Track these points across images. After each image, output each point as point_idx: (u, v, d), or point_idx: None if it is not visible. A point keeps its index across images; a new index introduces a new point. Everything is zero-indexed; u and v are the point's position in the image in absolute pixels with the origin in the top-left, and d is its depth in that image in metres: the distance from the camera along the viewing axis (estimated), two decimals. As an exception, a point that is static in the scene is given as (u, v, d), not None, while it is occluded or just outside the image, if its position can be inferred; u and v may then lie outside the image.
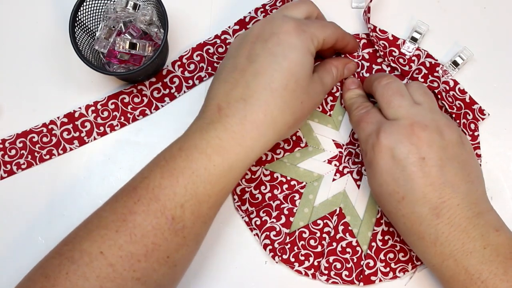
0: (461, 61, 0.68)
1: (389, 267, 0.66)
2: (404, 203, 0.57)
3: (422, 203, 0.56)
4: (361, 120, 0.63)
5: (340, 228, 0.67)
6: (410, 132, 0.57)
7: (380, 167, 0.58)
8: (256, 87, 0.56)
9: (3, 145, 0.69)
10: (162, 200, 0.53)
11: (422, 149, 0.57)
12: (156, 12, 0.67)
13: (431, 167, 0.56)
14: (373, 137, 0.59)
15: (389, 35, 0.70)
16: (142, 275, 0.53)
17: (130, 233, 0.52)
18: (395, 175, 0.57)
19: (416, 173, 0.56)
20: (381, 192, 0.59)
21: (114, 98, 0.70)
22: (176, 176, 0.54)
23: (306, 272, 0.66)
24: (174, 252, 0.55)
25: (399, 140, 0.57)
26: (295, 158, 0.69)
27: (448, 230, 0.56)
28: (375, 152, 0.59)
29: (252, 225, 0.67)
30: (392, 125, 0.59)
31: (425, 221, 0.57)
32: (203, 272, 0.67)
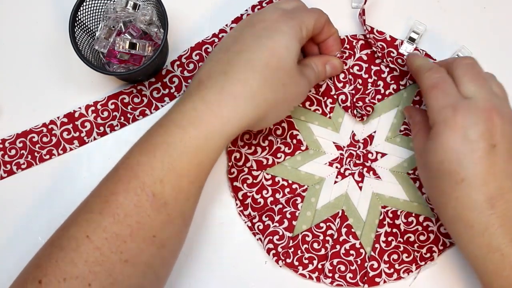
0: (459, 60, 0.68)
1: (393, 268, 0.65)
2: (462, 185, 0.55)
3: (480, 190, 0.55)
4: (437, 86, 0.59)
5: (343, 231, 0.66)
6: (488, 116, 0.56)
7: (448, 144, 0.56)
8: (237, 63, 0.56)
9: (3, 145, 0.69)
10: (141, 177, 0.53)
11: (495, 137, 0.55)
12: (156, 12, 0.67)
13: (499, 156, 0.55)
14: (448, 111, 0.57)
15: (386, 36, 0.70)
16: (130, 256, 0.52)
17: (113, 213, 0.52)
18: (461, 155, 0.55)
19: (483, 158, 0.55)
20: (440, 169, 0.56)
21: (114, 98, 0.70)
22: (153, 151, 0.54)
23: (310, 276, 0.66)
24: (160, 231, 0.54)
25: (475, 122, 0.55)
26: (296, 162, 0.68)
27: (499, 222, 0.54)
28: (447, 126, 0.56)
29: (255, 229, 0.67)
30: (471, 105, 0.57)
31: (478, 208, 0.55)
32: (203, 272, 0.67)
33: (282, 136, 0.69)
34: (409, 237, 0.66)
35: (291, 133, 0.69)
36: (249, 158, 0.68)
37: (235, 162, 0.68)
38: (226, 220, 0.68)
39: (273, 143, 0.68)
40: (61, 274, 0.51)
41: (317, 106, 0.69)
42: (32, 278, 0.52)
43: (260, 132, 0.69)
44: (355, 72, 0.69)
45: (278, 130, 0.69)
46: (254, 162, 0.68)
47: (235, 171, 0.68)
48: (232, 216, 0.68)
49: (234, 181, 0.68)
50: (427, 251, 0.65)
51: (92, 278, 0.51)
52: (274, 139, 0.69)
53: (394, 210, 0.67)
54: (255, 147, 0.68)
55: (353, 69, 0.69)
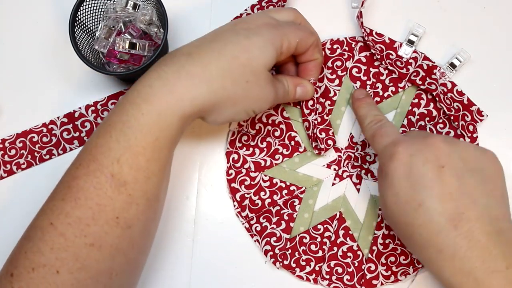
0: (458, 63, 0.69)
1: (391, 271, 0.65)
2: (421, 210, 0.54)
3: (440, 212, 0.54)
4: (375, 134, 0.62)
5: (341, 233, 0.67)
6: (430, 142, 0.56)
7: (398, 175, 0.56)
8: (206, 48, 0.56)
9: (3, 145, 0.69)
10: (99, 159, 0.53)
11: (442, 159, 0.55)
12: (156, 12, 0.67)
13: (450, 176, 0.55)
14: (390, 147, 0.58)
15: (385, 38, 0.70)
16: (95, 240, 0.52)
17: (74, 198, 0.52)
18: (413, 182, 0.55)
19: (434, 181, 0.55)
20: (397, 202, 0.56)
21: (114, 98, 0.70)
22: (109, 132, 0.53)
23: (307, 278, 0.66)
24: (123, 211, 0.53)
25: (419, 149, 0.56)
26: (294, 163, 0.68)
27: (466, 245, 0.53)
28: (392, 160, 0.57)
29: (253, 231, 0.67)
30: (411, 137, 0.59)
31: (443, 231, 0.54)
32: (203, 272, 0.67)
33: (280, 138, 0.69)
34: (406, 239, 0.66)
35: (289, 134, 0.69)
36: (247, 159, 0.68)
37: (233, 163, 0.68)
38: (225, 220, 0.68)
39: (271, 145, 0.69)
40: (29, 265, 0.51)
41: (316, 108, 0.69)
42: (5, 272, 0.52)
43: (258, 134, 0.69)
44: (353, 74, 0.69)
45: (276, 131, 0.69)
46: (252, 164, 0.68)
47: (233, 173, 0.68)
48: (232, 217, 0.68)
49: (232, 182, 0.68)
50: (424, 253, 0.65)
51: (59, 264, 0.51)
52: (272, 141, 0.69)
53: (391, 212, 0.67)
54: (253, 149, 0.69)
55: (352, 71, 0.69)
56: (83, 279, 0.52)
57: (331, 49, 0.70)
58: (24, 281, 0.51)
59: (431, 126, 0.68)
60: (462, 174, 0.55)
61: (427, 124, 0.68)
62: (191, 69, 0.55)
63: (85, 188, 0.52)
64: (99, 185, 0.52)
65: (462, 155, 0.56)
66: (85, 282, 0.52)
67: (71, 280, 0.51)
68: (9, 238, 0.66)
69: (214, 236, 0.67)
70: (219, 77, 0.56)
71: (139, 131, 0.53)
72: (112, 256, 0.53)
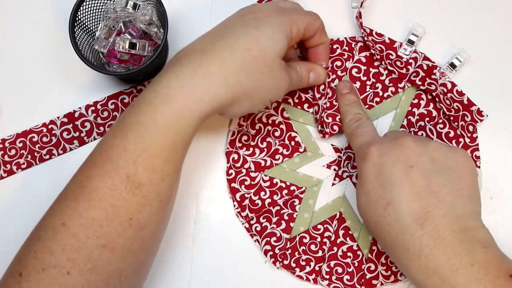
0: (458, 63, 0.68)
1: (390, 271, 0.65)
2: (389, 209, 0.56)
3: (407, 211, 0.55)
4: (353, 133, 0.64)
5: (341, 233, 0.67)
6: (401, 142, 0.58)
7: (369, 175, 0.58)
8: (219, 44, 0.56)
9: (3, 145, 0.69)
10: (115, 160, 0.52)
11: (411, 158, 0.57)
12: (156, 12, 0.67)
13: (418, 176, 0.56)
14: (364, 147, 0.60)
15: (385, 38, 0.69)
16: (107, 241, 0.52)
17: (88, 198, 0.52)
18: (382, 181, 0.57)
19: (403, 180, 0.56)
20: (368, 201, 0.58)
21: (114, 98, 0.70)
22: (126, 133, 0.53)
23: (307, 277, 0.66)
24: (137, 213, 0.53)
25: (390, 149, 0.58)
26: (294, 163, 0.68)
27: (432, 243, 0.54)
28: (365, 161, 0.58)
29: (253, 231, 0.67)
30: (384, 137, 0.61)
31: (409, 230, 0.55)
32: (203, 272, 0.67)
33: (281, 138, 0.69)
34: (406, 239, 0.66)
35: (289, 135, 0.69)
36: (247, 159, 0.68)
37: (233, 163, 0.68)
38: (225, 220, 0.68)
39: (271, 145, 0.69)
40: (39, 265, 0.51)
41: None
42: (13, 271, 0.52)
43: (258, 134, 0.69)
44: (353, 74, 0.69)
45: (277, 131, 0.69)
46: (252, 164, 0.68)
47: (233, 172, 0.68)
48: (232, 217, 0.68)
49: (232, 182, 0.68)
50: (424, 254, 0.65)
51: (70, 265, 0.51)
52: (272, 141, 0.69)
53: (391, 212, 0.67)
54: (253, 149, 0.69)
55: (352, 72, 0.69)
56: (94, 281, 0.52)
57: (331, 49, 0.69)
58: (33, 281, 0.50)
59: (431, 127, 0.68)
60: (430, 173, 0.56)
61: (427, 125, 0.68)
62: (208, 68, 0.55)
63: (99, 189, 0.52)
64: (114, 186, 0.52)
65: (432, 155, 0.57)
66: (96, 284, 0.52)
67: (81, 281, 0.51)
68: (9, 238, 0.67)
69: (214, 236, 0.67)
70: (235, 73, 0.56)
71: (157, 133, 0.53)
72: (123, 258, 0.53)
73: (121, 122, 0.54)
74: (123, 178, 0.52)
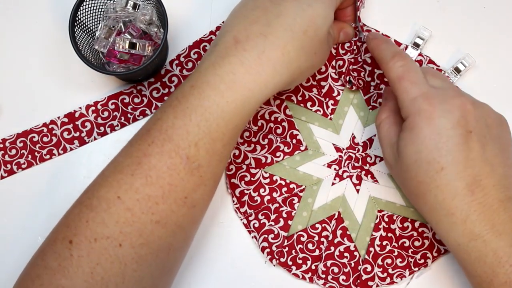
0: (463, 68, 0.68)
1: (387, 273, 0.66)
2: (442, 174, 0.55)
3: (460, 177, 0.55)
4: (404, 77, 0.59)
5: (339, 233, 0.67)
6: (460, 103, 0.56)
7: (424, 133, 0.56)
8: (277, 27, 0.56)
9: (3, 144, 0.69)
10: (176, 140, 0.53)
11: (470, 123, 0.56)
12: (156, 11, 0.66)
13: (476, 142, 0.56)
14: (421, 101, 0.57)
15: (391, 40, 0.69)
16: (161, 217, 0.53)
17: (145, 175, 0.52)
18: (439, 143, 0.55)
19: (462, 145, 0.55)
20: (418, 159, 0.56)
21: (114, 98, 0.70)
22: (189, 115, 0.53)
23: (303, 276, 0.66)
24: (192, 192, 0.55)
25: (449, 110, 0.56)
26: (295, 161, 0.68)
27: (480, 209, 0.55)
28: (421, 117, 0.56)
29: (251, 227, 0.68)
30: (442, 94, 0.57)
31: (459, 196, 0.55)
32: (203, 272, 0.67)
33: (282, 135, 0.69)
34: (403, 242, 0.66)
35: (291, 132, 0.69)
36: (248, 155, 0.68)
37: (233, 159, 0.68)
38: (225, 220, 0.68)
39: (272, 142, 0.69)
40: (91, 235, 0.51)
41: (318, 107, 0.69)
42: (62, 237, 0.53)
43: (260, 130, 0.69)
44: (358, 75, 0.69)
45: (278, 129, 0.69)
46: (253, 160, 0.68)
47: (233, 168, 0.68)
48: (232, 216, 0.68)
49: (232, 178, 0.68)
50: (421, 257, 0.66)
51: (123, 238, 0.52)
52: (274, 138, 0.69)
53: (390, 214, 0.67)
54: (255, 145, 0.69)
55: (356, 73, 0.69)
56: (144, 254, 0.53)
57: (336, 49, 0.69)
58: (84, 250, 0.51)
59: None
60: (486, 141, 0.57)
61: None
62: (272, 55, 0.55)
63: (158, 167, 0.52)
64: (173, 166, 0.53)
65: (487, 121, 0.57)
66: (146, 257, 0.53)
67: (132, 254, 0.52)
68: (10, 238, 0.68)
69: (214, 236, 0.68)
70: (296, 58, 0.57)
71: (222, 118, 0.54)
72: (174, 233, 0.55)
73: (182, 103, 0.54)
74: (183, 158, 0.53)
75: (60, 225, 0.54)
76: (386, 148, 0.61)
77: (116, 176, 0.53)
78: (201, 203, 0.57)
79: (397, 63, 0.60)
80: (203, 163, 0.54)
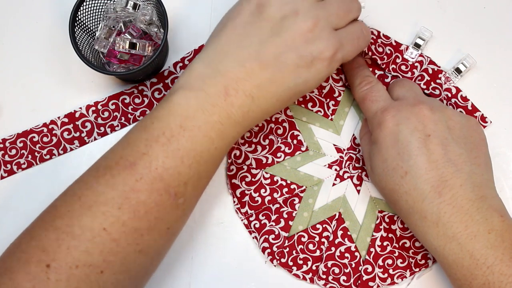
0: (464, 68, 0.68)
1: (387, 273, 0.66)
2: (407, 178, 0.57)
3: (425, 179, 0.57)
4: (366, 98, 0.64)
5: (339, 233, 0.67)
6: (417, 110, 0.59)
7: (386, 143, 0.59)
8: (268, 90, 0.57)
9: (3, 144, 0.69)
10: (167, 180, 0.54)
11: (428, 127, 0.58)
12: (156, 12, 0.66)
13: (435, 145, 0.57)
14: (379, 115, 0.61)
15: (392, 40, 0.68)
16: (144, 247, 0.54)
17: (134, 210, 0.53)
18: (400, 149, 0.58)
19: (421, 149, 0.57)
20: (385, 168, 0.59)
21: (115, 99, 0.70)
22: (181, 157, 0.54)
23: (304, 276, 0.66)
24: (174, 223, 0.56)
25: (406, 117, 0.59)
26: (295, 162, 0.68)
27: (450, 211, 0.56)
28: (381, 129, 0.59)
29: (251, 228, 0.67)
30: (399, 104, 0.60)
31: (427, 198, 0.57)
32: (203, 272, 0.67)
33: (283, 136, 0.69)
34: (404, 243, 0.66)
35: (292, 133, 0.69)
36: (248, 156, 0.68)
37: (234, 159, 0.68)
38: (225, 220, 0.68)
39: (273, 142, 0.68)
40: (73, 262, 0.51)
41: (319, 108, 0.69)
42: (37, 260, 0.52)
43: (261, 131, 0.69)
44: None
45: (279, 129, 0.69)
46: (254, 161, 0.68)
47: (234, 169, 0.68)
48: (232, 216, 0.68)
49: (233, 179, 0.68)
50: (422, 257, 0.66)
51: (106, 266, 0.52)
52: (274, 138, 0.68)
53: (390, 215, 0.67)
54: (255, 146, 0.69)
55: None
56: (123, 280, 0.54)
57: None
58: (64, 275, 0.51)
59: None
60: (447, 142, 0.58)
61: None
62: (255, 114, 0.57)
63: (146, 204, 0.53)
64: (161, 202, 0.54)
65: (448, 124, 0.59)
66: (124, 282, 0.54)
67: (112, 279, 0.53)
68: (10, 238, 0.67)
69: (214, 236, 0.68)
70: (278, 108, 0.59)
71: (211, 162, 0.57)
72: (153, 260, 0.57)
73: (173, 143, 0.54)
74: (171, 195, 0.54)
75: (31, 246, 0.53)
76: (366, 162, 0.64)
77: (100, 208, 0.53)
78: (179, 230, 0.59)
79: (363, 87, 0.65)
80: (188, 198, 0.56)
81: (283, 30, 0.56)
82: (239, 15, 0.58)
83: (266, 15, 0.57)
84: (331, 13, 0.58)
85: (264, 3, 0.57)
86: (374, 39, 0.68)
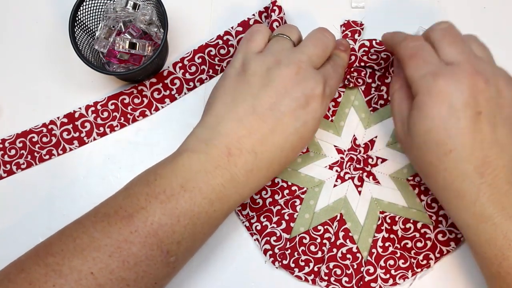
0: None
1: (389, 274, 0.65)
2: (450, 156, 0.55)
3: (469, 159, 0.54)
4: (415, 55, 0.58)
5: (341, 234, 0.66)
6: (471, 82, 0.55)
7: (433, 113, 0.55)
8: (270, 144, 0.57)
9: (3, 145, 0.69)
10: (160, 236, 0.54)
11: (480, 103, 0.54)
12: (156, 12, 0.67)
13: (485, 123, 0.54)
14: (429, 79, 0.56)
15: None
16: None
17: (123, 260, 0.53)
18: (447, 124, 0.54)
19: (470, 128, 0.54)
20: (428, 140, 0.56)
21: (114, 99, 0.70)
22: (177, 216, 0.54)
23: (306, 278, 0.66)
24: (162, 279, 0.56)
25: (459, 89, 0.54)
26: (296, 163, 0.68)
27: (490, 191, 0.55)
28: (431, 95, 0.55)
29: (253, 230, 0.67)
30: (453, 71, 0.56)
31: (468, 178, 0.55)
32: (203, 272, 0.67)
33: (283, 137, 0.68)
34: (406, 243, 0.66)
35: (292, 134, 0.68)
36: (249, 158, 0.68)
37: (235, 161, 0.68)
38: (227, 222, 0.67)
39: (273, 143, 0.68)
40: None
41: (319, 108, 0.69)
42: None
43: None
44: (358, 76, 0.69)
45: (279, 130, 0.68)
46: (254, 162, 0.68)
47: (235, 170, 0.68)
48: (232, 217, 0.68)
49: (234, 181, 0.68)
50: (423, 258, 0.65)
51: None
52: (275, 140, 0.68)
53: (392, 215, 0.66)
54: (256, 147, 0.68)
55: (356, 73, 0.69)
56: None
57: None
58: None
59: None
60: (496, 121, 0.55)
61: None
62: (258, 173, 0.58)
63: (137, 256, 0.53)
64: (152, 257, 0.54)
65: (499, 102, 0.56)
66: None
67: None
68: (9, 238, 0.67)
69: (214, 236, 0.67)
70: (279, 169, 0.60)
71: (208, 224, 0.57)
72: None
73: (171, 201, 0.55)
74: (163, 252, 0.54)
75: (19, 278, 0.53)
76: (397, 123, 0.61)
77: (92, 253, 0.53)
78: (165, 285, 0.59)
79: (410, 43, 0.59)
80: (180, 257, 0.56)
81: (271, 80, 0.57)
82: (226, 79, 0.60)
83: (251, 71, 0.58)
84: (310, 55, 0.59)
85: (246, 62, 0.59)
86: (366, 51, 0.68)
